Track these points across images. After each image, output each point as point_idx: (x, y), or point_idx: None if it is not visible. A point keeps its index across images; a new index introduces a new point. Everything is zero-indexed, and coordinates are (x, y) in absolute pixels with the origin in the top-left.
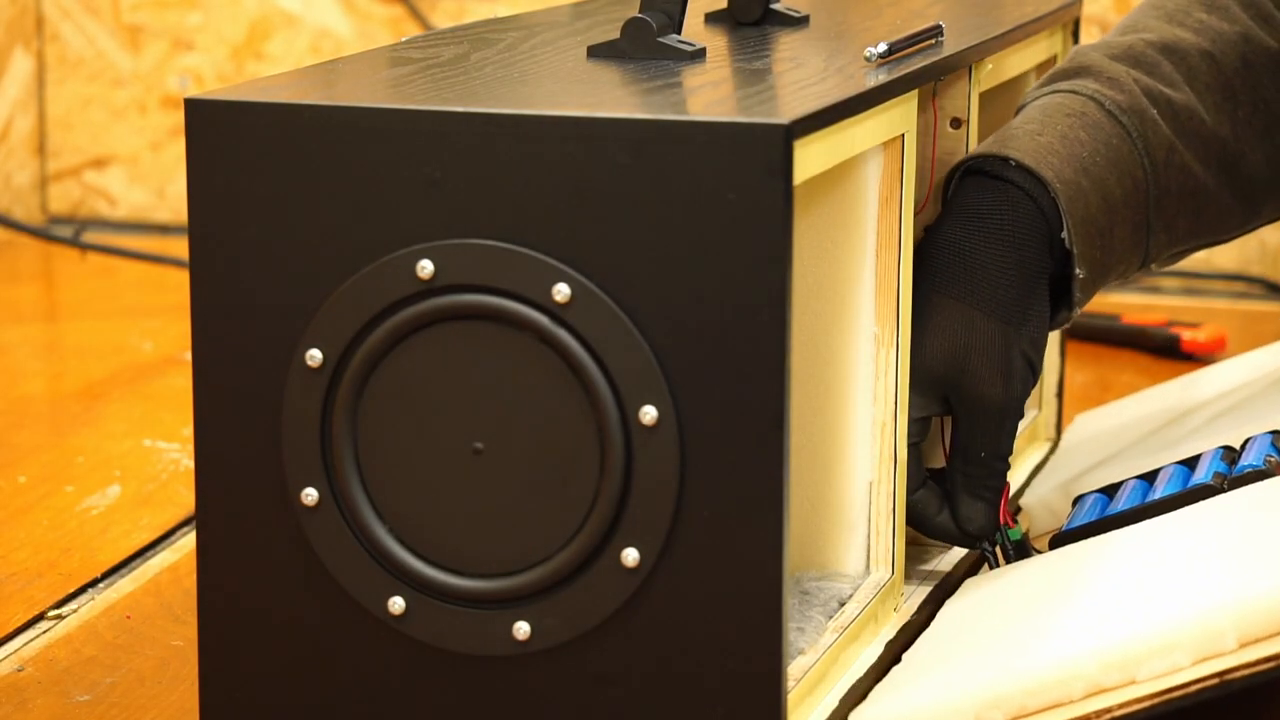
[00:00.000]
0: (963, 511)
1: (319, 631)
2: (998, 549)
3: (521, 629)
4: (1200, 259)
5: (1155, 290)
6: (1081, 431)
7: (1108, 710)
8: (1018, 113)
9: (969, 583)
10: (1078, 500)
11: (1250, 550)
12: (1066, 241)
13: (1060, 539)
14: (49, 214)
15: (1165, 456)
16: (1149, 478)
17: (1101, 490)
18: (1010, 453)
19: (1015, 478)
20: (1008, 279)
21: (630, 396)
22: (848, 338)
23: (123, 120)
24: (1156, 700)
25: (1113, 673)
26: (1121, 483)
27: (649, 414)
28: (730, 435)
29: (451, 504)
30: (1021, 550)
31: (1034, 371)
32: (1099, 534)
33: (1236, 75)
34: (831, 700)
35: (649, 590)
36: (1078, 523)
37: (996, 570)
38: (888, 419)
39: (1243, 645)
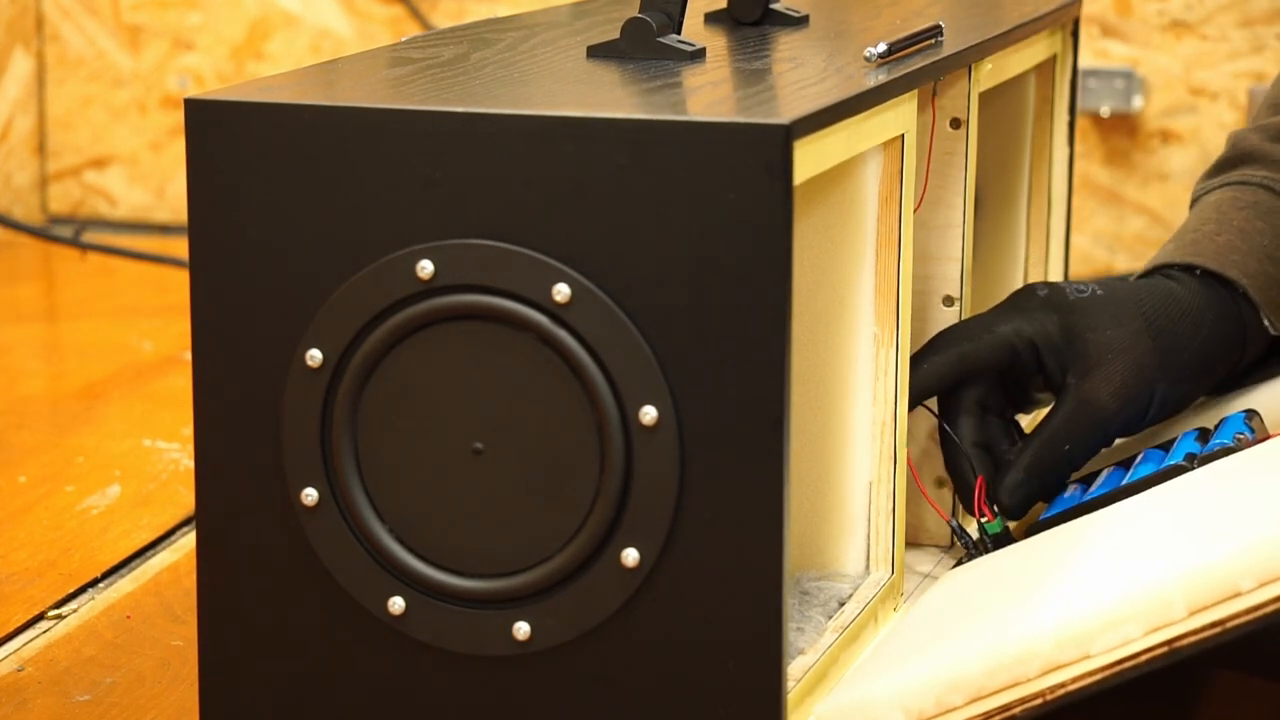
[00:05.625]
0: (1009, 480)
1: (319, 631)
2: (975, 542)
3: (521, 629)
4: None
5: None
6: None
7: (1061, 685)
8: (1192, 205)
9: (945, 576)
10: None
11: (1202, 520)
12: (1271, 328)
13: (1035, 528)
14: (49, 214)
15: (1140, 440)
16: (1125, 464)
17: (1079, 479)
18: (1077, 469)
19: None
20: (1195, 349)
21: (630, 396)
22: (847, 338)
23: (123, 120)
24: (1109, 672)
25: (1068, 649)
26: (1098, 471)
27: (649, 414)
28: (730, 435)
29: (451, 504)
30: (1000, 543)
31: (1145, 413)
32: (1071, 520)
33: None
34: None
35: (649, 590)
36: (1053, 512)
37: (971, 562)
38: (888, 419)
39: (1192, 613)
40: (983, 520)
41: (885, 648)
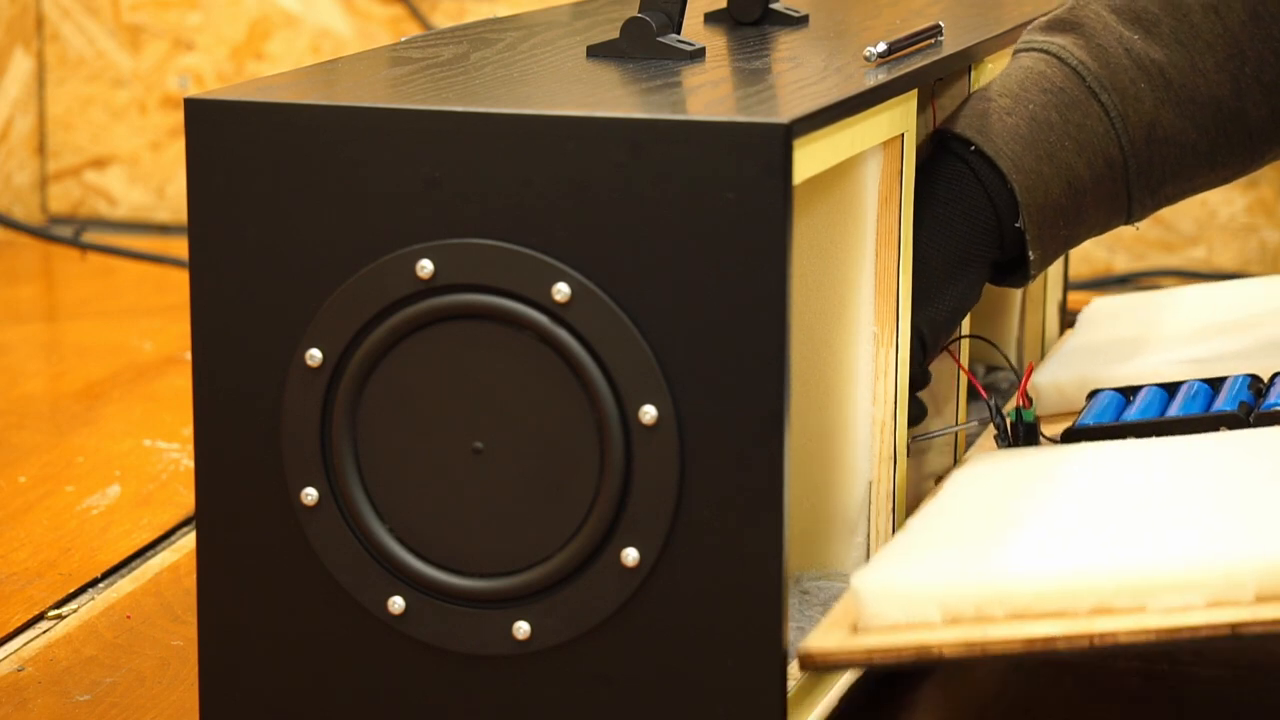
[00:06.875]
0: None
1: (319, 631)
2: (1009, 424)
3: (521, 629)
4: (1200, 259)
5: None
6: (1098, 317)
7: (1113, 634)
8: (1014, 55)
9: (978, 456)
10: (1092, 395)
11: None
12: (1022, 227)
13: (1073, 434)
14: (49, 214)
15: (1184, 366)
16: (1169, 389)
17: (1118, 390)
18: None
19: None
20: (928, 261)
21: (630, 396)
22: (847, 337)
23: (123, 120)
24: (1164, 635)
25: (1124, 596)
26: (1139, 387)
27: (649, 413)
28: (730, 434)
29: (451, 503)
30: (1031, 433)
31: (923, 347)
32: (1114, 438)
33: (1243, 29)
34: (831, 700)
35: (649, 590)
36: (1092, 420)
37: (1006, 451)
38: (887, 418)
39: (1260, 600)
40: (1020, 407)
41: (923, 528)
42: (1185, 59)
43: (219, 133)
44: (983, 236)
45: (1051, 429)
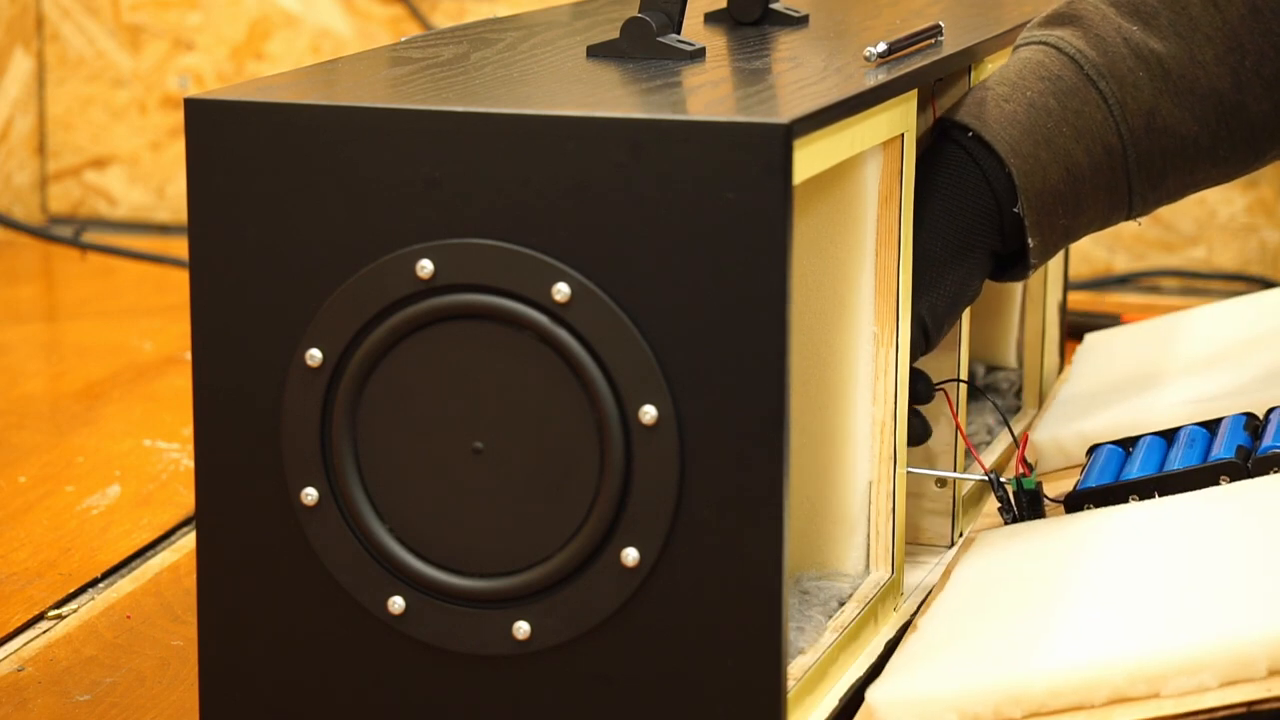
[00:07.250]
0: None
1: (319, 631)
2: (1012, 494)
3: (521, 628)
4: (1200, 259)
5: (1155, 290)
6: (1092, 356)
7: None
8: (1014, 51)
9: (982, 538)
10: (1092, 451)
11: None
12: (1020, 212)
13: (1075, 498)
14: (49, 214)
15: (1180, 409)
16: (1167, 437)
17: (1117, 443)
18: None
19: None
20: (928, 248)
21: (630, 396)
22: (847, 337)
23: (123, 120)
24: None
25: (1138, 684)
26: (1138, 438)
27: (649, 413)
28: (730, 434)
29: (451, 503)
30: (1035, 500)
31: (926, 335)
32: (1116, 499)
33: (1242, 23)
34: (831, 700)
35: (649, 590)
36: (1093, 482)
37: (1011, 529)
38: (887, 418)
39: (1273, 674)
40: (1020, 475)
41: (933, 630)
42: (1184, 51)
43: (219, 133)
44: (983, 222)
45: (1054, 486)
